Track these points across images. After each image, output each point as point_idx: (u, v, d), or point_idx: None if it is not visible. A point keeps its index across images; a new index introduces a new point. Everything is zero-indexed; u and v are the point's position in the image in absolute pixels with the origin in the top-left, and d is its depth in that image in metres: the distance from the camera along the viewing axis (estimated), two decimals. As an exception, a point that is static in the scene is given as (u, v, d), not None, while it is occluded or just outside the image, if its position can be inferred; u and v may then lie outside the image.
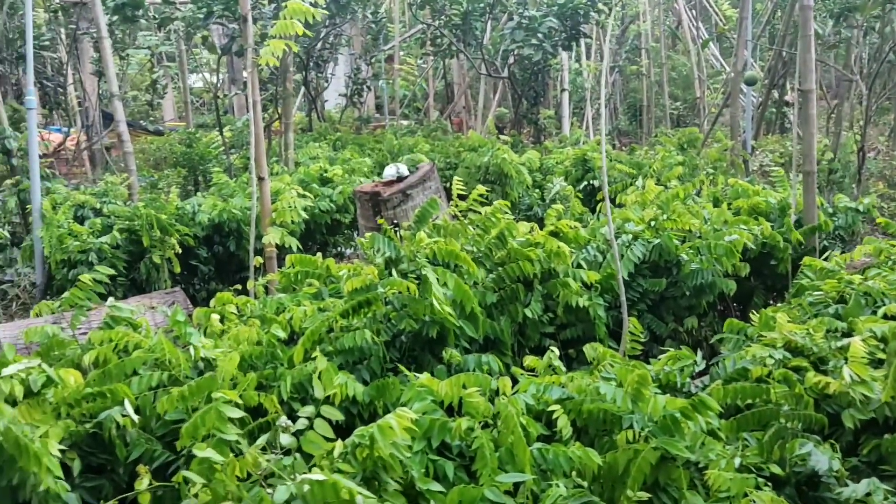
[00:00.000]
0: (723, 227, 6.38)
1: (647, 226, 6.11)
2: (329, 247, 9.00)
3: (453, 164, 11.00)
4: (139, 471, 2.66)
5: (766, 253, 6.58)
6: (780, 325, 4.24)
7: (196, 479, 2.43)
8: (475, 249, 5.36)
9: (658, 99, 21.31)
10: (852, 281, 5.03)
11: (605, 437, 3.49)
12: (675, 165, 8.96)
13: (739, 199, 7.46)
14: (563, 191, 9.16)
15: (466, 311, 4.75)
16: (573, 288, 5.30)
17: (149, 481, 2.60)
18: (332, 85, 17.55)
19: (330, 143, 12.52)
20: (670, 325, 5.90)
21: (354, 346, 4.35)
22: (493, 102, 17.10)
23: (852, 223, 7.42)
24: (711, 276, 5.66)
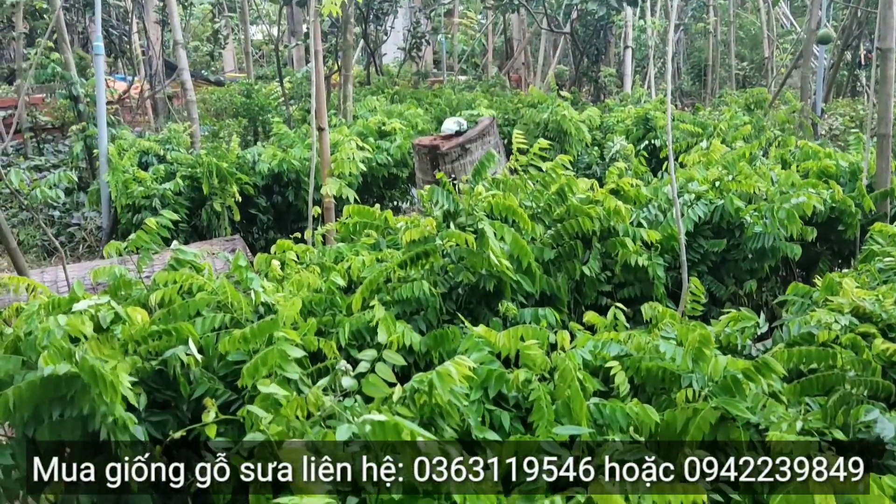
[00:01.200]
0: (790, 190, 6.18)
1: (711, 186, 5.96)
2: (386, 201, 9.04)
3: (512, 120, 10.87)
4: (206, 403, 2.74)
5: (835, 218, 6.36)
6: (847, 291, 4.11)
7: (261, 414, 2.49)
8: (534, 205, 5.31)
9: (724, 59, 20.65)
10: (927, 248, 4.84)
11: (662, 396, 3.46)
12: (742, 126, 8.68)
13: (809, 161, 7.21)
14: (624, 150, 8.98)
15: (523, 266, 4.73)
16: (632, 247, 5.22)
17: (215, 414, 2.67)
18: (391, 38, 17.42)
19: (388, 96, 12.48)
20: (730, 287, 5.78)
21: (412, 297, 4.38)
22: (553, 59, 16.78)
23: (928, 189, 7.11)
24: (774, 240, 5.51)
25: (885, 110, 6.70)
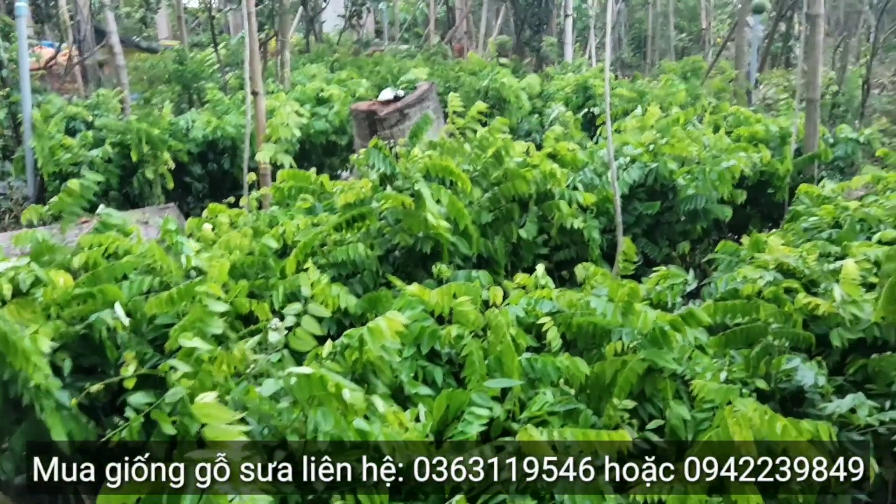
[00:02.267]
0: (722, 154, 6.31)
1: (646, 150, 6.04)
2: (325, 168, 8.91)
3: (453, 87, 10.79)
4: (125, 358, 2.68)
5: (765, 181, 6.54)
6: (772, 248, 4.23)
7: (181, 367, 2.44)
8: (471, 168, 5.30)
9: (663, 30, 20.87)
10: (848, 207, 5.01)
11: (594, 350, 3.52)
12: (677, 92, 8.82)
13: (741, 127, 7.37)
14: (563, 116, 9.02)
15: (460, 229, 4.74)
16: (568, 210, 5.27)
17: (135, 367, 2.61)
18: (331, 6, 17.09)
19: (327, 64, 12.28)
20: (664, 249, 5.89)
21: (347, 260, 4.36)
22: (495, 28, 16.74)
23: (852, 154, 7.36)
24: (706, 202, 5.63)
25: (813, 75, 6.88)
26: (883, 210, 4.96)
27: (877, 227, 4.76)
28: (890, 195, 5.29)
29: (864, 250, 4.29)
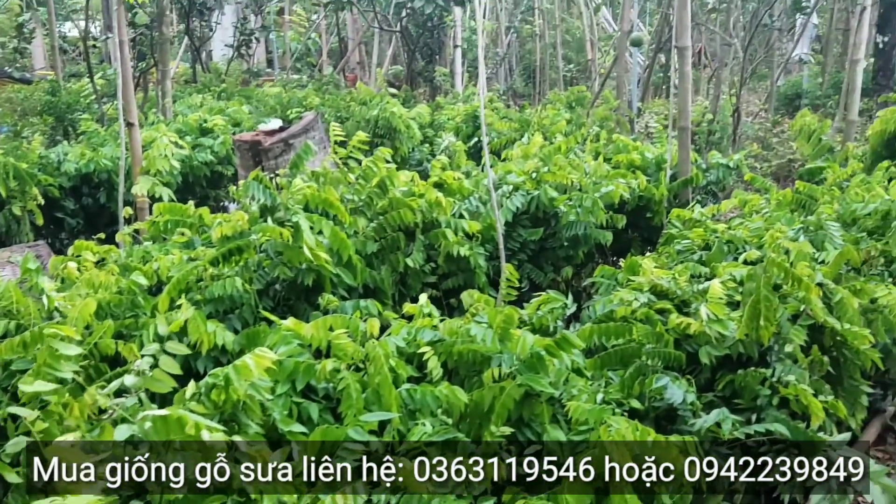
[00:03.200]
0: (602, 181, 6.52)
1: (529, 178, 6.18)
2: (210, 200, 8.69)
3: (344, 117, 10.76)
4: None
5: (643, 206, 6.79)
6: (647, 271, 4.38)
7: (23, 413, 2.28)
8: (356, 198, 5.28)
9: (552, 61, 21.56)
10: (717, 230, 5.25)
11: (475, 378, 3.52)
12: (560, 121, 9.09)
13: (620, 154, 7.65)
14: (453, 146, 9.14)
15: (344, 259, 4.69)
16: (454, 238, 5.31)
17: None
18: (219, 35, 16.79)
19: (214, 94, 12.03)
20: (549, 274, 6.02)
21: (224, 295, 4.23)
22: (388, 58, 16.86)
23: (723, 178, 7.74)
24: (586, 228, 5.79)
25: (683, 104, 7.23)
26: (748, 231, 5.23)
27: (742, 248, 5.01)
28: (755, 217, 5.60)
29: (730, 270, 4.50)
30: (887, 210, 5.37)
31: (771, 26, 12.53)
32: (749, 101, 18.86)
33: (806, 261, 4.46)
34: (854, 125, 9.43)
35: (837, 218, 5.49)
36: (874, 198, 5.62)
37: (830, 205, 5.73)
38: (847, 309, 4.17)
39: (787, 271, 3.94)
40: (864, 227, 5.42)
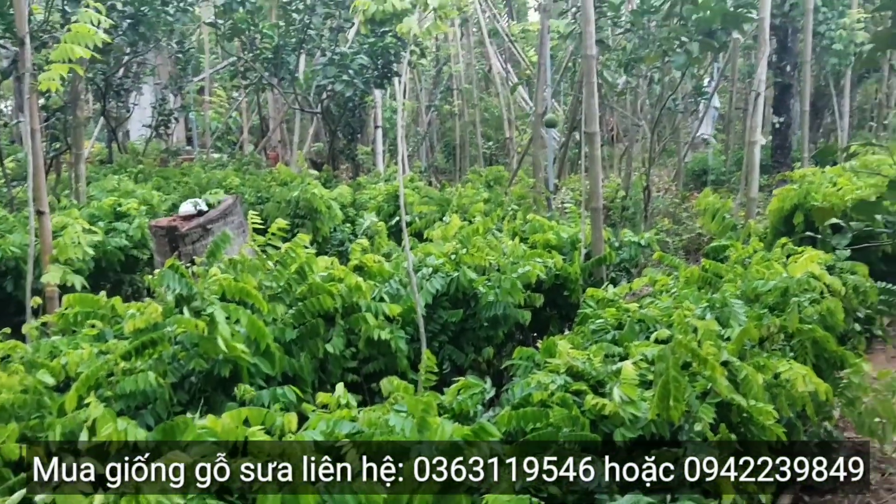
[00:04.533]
0: (519, 261, 6.69)
1: (448, 259, 6.29)
2: (125, 285, 8.47)
3: (265, 198, 10.78)
4: None
5: (559, 284, 6.97)
6: (563, 352, 4.49)
7: None
8: (274, 285, 5.26)
9: (472, 138, 22.18)
10: (629, 309, 5.43)
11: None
12: (479, 202, 9.32)
13: (536, 233, 7.87)
14: (375, 226, 9.23)
15: (262, 348, 4.64)
16: (374, 322, 5.33)
17: None
18: (137, 115, 16.66)
19: (131, 175, 11.86)
20: (470, 355, 6.08)
21: (137, 390, 4.12)
22: (309, 137, 17.03)
23: (635, 255, 8.04)
24: (505, 308, 5.91)
25: (594, 186, 7.54)
26: (658, 310, 5.43)
27: (653, 327, 5.19)
28: (664, 296, 5.82)
29: (642, 350, 4.65)
30: (785, 287, 5.67)
31: (675, 109, 13.26)
32: (661, 176, 19.78)
33: (712, 339, 4.65)
34: (755, 202, 9.97)
35: (741, 295, 5.76)
36: (773, 275, 5.93)
37: (734, 282, 6.02)
38: (752, 385, 4.35)
39: (694, 352, 4.10)
40: (765, 303, 5.69)
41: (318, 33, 12.39)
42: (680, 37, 9.41)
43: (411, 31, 5.09)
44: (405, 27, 5.08)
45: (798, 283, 5.68)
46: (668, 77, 12.39)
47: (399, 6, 5.10)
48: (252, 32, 12.23)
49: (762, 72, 9.87)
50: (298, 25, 12.22)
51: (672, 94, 12.78)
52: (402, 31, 5.13)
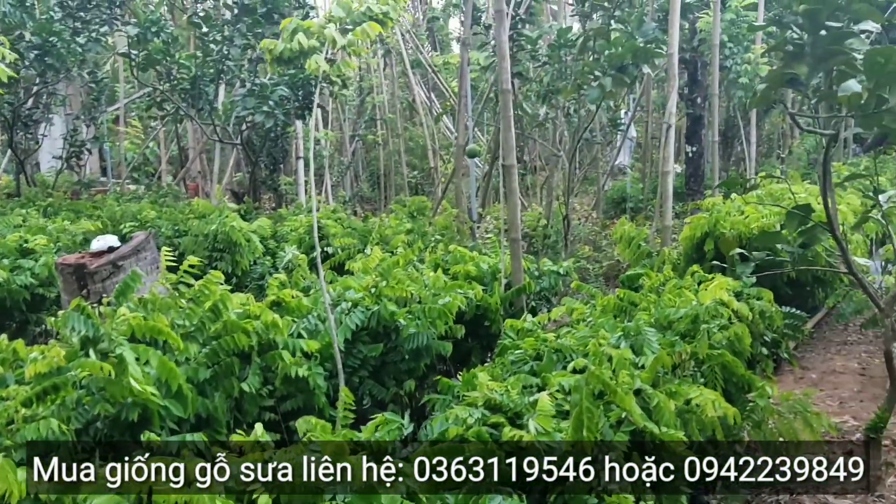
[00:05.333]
0: (440, 292, 6.71)
1: (368, 292, 6.26)
2: (32, 325, 8.11)
3: (182, 231, 10.53)
4: None
5: (480, 315, 7.02)
6: (481, 385, 4.50)
7: None
8: (187, 323, 5.13)
9: (397, 167, 22.27)
10: (547, 339, 5.51)
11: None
12: (401, 233, 9.33)
13: (458, 264, 7.92)
14: (296, 259, 9.12)
15: (173, 390, 4.51)
16: (291, 359, 5.25)
17: None
18: (47, 146, 16.09)
19: (40, 209, 11.42)
20: (391, 389, 6.04)
21: (38, 438, 3.93)
22: (229, 166, 16.78)
23: (555, 284, 8.18)
24: (426, 340, 5.90)
25: (513, 217, 7.66)
26: (575, 339, 5.52)
27: (570, 357, 5.27)
28: (581, 325, 5.93)
29: (559, 380, 4.71)
30: (696, 314, 5.85)
31: (592, 140, 13.62)
32: (582, 203, 20.25)
33: (626, 367, 4.75)
34: (669, 230, 10.29)
35: (654, 322, 5.92)
36: (685, 302, 6.11)
37: (648, 310, 6.18)
38: (664, 412, 4.46)
39: (606, 383, 4.18)
40: (677, 330, 5.86)
41: (236, 64, 12.26)
42: (594, 71, 9.70)
43: (320, 68, 5.10)
44: (313, 65, 5.08)
45: (707, 310, 5.86)
46: (584, 109, 12.73)
47: (306, 44, 5.10)
48: (168, 63, 12.02)
49: (672, 104, 10.26)
50: (216, 56, 12.07)
51: (588, 126, 13.13)
52: (310, 68, 5.14)
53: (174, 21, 15.44)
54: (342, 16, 5.79)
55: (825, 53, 3.88)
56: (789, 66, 4.02)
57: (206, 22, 12.05)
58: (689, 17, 14.26)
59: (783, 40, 4.07)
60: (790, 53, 3.99)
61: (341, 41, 5.56)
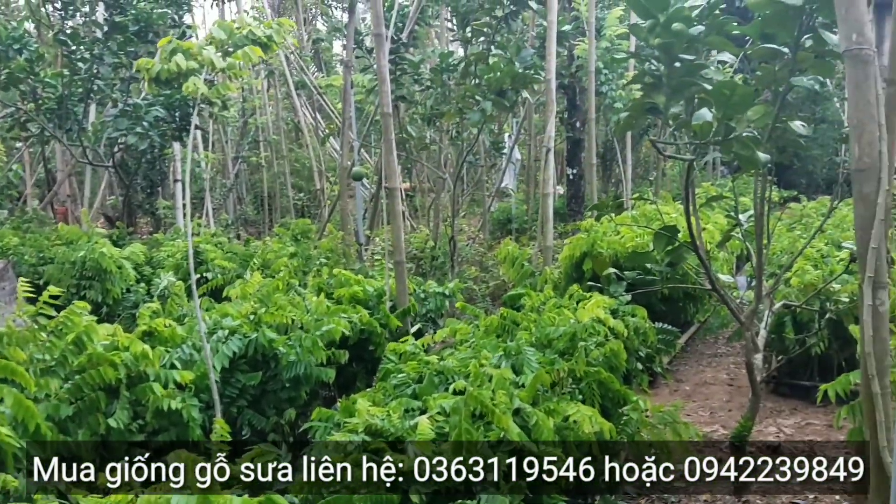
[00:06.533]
0: (323, 318, 6.59)
1: (246, 319, 6.08)
2: None
3: (48, 259, 9.92)
4: None
5: (365, 339, 6.96)
6: (361, 411, 4.45)
7: None
8: (48, 357, 4.82)
9: (283, 189, 21.87)
10: (429, 361, 5.51)
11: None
12: (284, 257, 9.15)
13: (343, 288, 7.83)
14: (172, 286, 8.76)
15: (31, 430, 4.21)
16: (163, 391, 5.03)
17: None
18: None
19: None
20: (272, 418, 5.87)
21: None
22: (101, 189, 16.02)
23: (441, 305, 8.22)
24: (306, 367, 5.79)
25: (397, 240, 7.66)
26: (457, 361, 5.55)
27: (452, 378, 5.29)
28: (463, 346, 5.97)
29: (440, 402, 4.71)
30: (574, 332, 6.01)
31: (475, 163, 13.85)
32: (471, 225, 20.52)
33: (505, 388, 4.81)
34: (550, 250, 10.55)
35: (535, 342, 6.03)
36: (563, 321, 6.27)
37: (528, 329, 6.29)
38: (542, 430, 4.54)
39: (484, 403, 4.21)
40: (556, 348, 5.99)
41: (107, 83, 11.73)
42: (475, 95, 9.88)
43: (199, 90, 4.95)
44: (190, 87, 4.93)
45: (585, 328, 6.04)
46: (466, 132, 12.95)
47: (184, 66, 4.94)
48: (33, 81, 11.37)
49: (551, 128, 10.57)
50: (85, 75, 11.51)
51: (472, 149, 13.35)
52: (187, 90, 4.98)
53: (40, 38, 14.65)
54: (223, 38, 5.65)
55: (680, 84, 4.11)
56: (649, 96, 4.24)
57: (73, 39, 11.47)
58: (566, 44, 14.78)
59: (642, 72, 4.29)
60: (649, 84, 4.20)
61: (220, 64, 5.42)
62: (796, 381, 7.94)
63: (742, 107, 4.07)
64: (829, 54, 4.58)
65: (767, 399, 8.04)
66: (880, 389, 3.37)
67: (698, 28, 4.11)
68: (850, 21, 3.30)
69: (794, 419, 7.56)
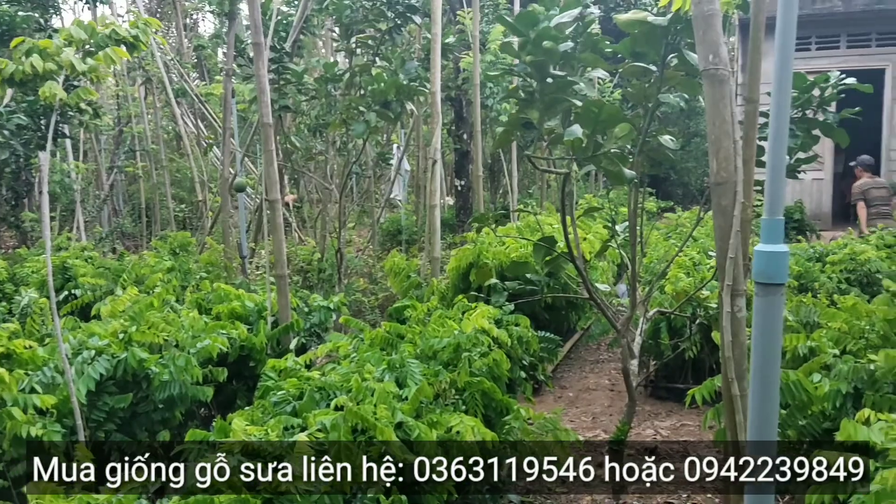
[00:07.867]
0: (200, 335, 6.35)
1: (115, 338, 5.77)
2: None
3: None
4: None
5: (245, 356, 6.75)
6: (237, 430, 4.30)
7: None
8: None
9: (163, 200, 21.02)
10: (311, 377, 5.39)
11: None
12: (160, 272, 8.77)
13: (222, 303, 7.57)
14: (35, 304, 8.22)
15: None
16: (23, 417, 4.70)
17: None
18: None
19: None
20: (144, 441, 5.59)
21: None
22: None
23: (325, 320, 8.08)
24: (181, 387, 5.55)
25: (279, 253, 7.48)
26: (339, 376, 5.46)
27: (334, 394, 5.19)
28: (346, 361, 5.88)
29: (320, 419, 4.61)
30: (458, 343, 6.04)
31: (361, 174, 13.78)
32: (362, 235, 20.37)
33: (387, 401, 4.77)
34: (438, 261, 10.60)
35: (420, 353, 6.02)
36: (448, 332, 6.29)
37: (413, 342, 6.27)
38: (425, 443, 4.52)
39: (364, 418, 4.16)
40: (441, 360, 6.00)
41: (-38, 88, 10.90)
42: (359, 106, 9.82)
43: (56, 95, 4.66)
44: (47, 91, 4.64)
45: (469, 339, 6.08)
46: (352, 143, 12.85)
47: (41, 68, 4.64)
48: None
49: (437, 140, 10.65)
50: (-63, 78, 10.65)
51: (358, 160, 13.27)
52: (44, 95, 4.68)
53: None
54: (83, 38, 5.34)
55: (552, 101, 4.21)
56: (523, 111, 4.33)
57: (-78, 40, 10.64)
58: (451, 56, 14.96)
59: (516, 87, 4.37)
60: (523, 100, 4.29)
61: (81, 67, 5.13)
62: (672, 385, 8.29)
63: (609, 124, 4.22)
64: (694, 72, 4.81)
65: (646, 402, 8.36)
66: (739, 392, 3.54)
67: (568, 44, 4.23)
68: (706, 42, 3.46)
69: (669, 421, 7.88)
